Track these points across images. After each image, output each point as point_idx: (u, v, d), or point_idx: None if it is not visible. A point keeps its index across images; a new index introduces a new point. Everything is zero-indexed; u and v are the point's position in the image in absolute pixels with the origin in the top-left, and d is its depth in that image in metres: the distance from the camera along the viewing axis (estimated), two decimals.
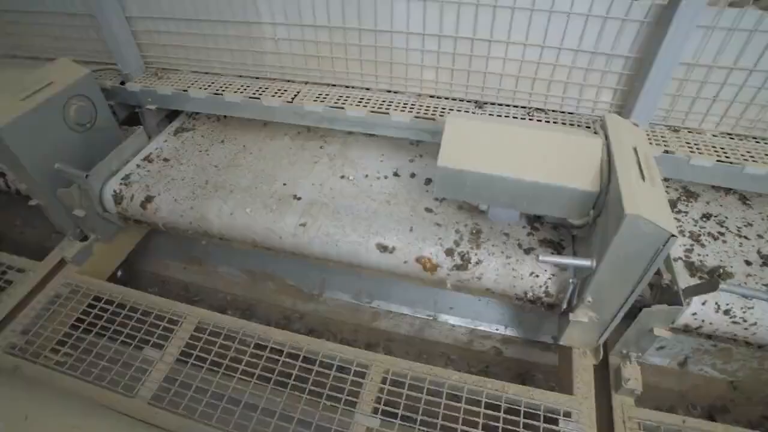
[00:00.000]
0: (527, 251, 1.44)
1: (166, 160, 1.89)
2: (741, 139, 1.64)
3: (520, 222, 1.49)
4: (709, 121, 1.63)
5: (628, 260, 1.09)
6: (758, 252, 1.49)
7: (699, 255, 1.47)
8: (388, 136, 1.75)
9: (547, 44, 1.53)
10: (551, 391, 1.38)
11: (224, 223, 1.65)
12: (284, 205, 1.64)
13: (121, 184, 1.77)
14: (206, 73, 2.00)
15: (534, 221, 1.52)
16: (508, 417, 1.31)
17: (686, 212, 1.64)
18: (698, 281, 1.40)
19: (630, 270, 1.12)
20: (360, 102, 1.75)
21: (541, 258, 1.17)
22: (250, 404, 1.39)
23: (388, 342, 2.13)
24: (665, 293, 1.30)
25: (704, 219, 1.60)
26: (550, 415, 1.31)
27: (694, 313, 1.35)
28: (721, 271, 1.38)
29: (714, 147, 1.58)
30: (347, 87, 1.85)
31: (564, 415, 1.31)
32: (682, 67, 1.50)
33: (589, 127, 1.60)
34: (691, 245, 1.51)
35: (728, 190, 1.70)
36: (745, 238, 1.53)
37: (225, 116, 2.09)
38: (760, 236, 1.53)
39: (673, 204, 1.62)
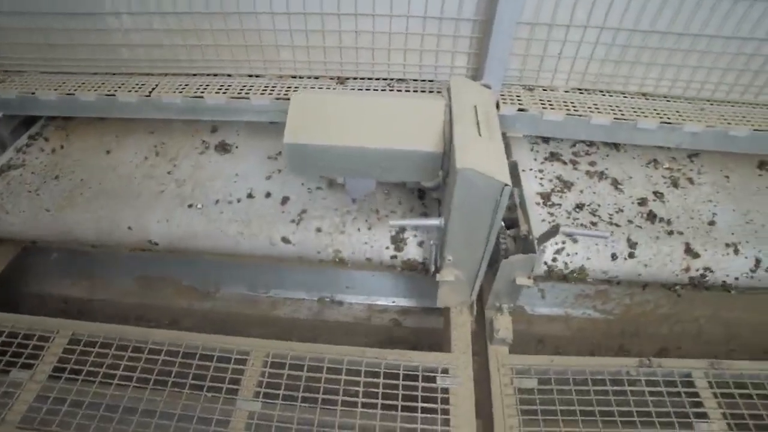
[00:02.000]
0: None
1: None
2: (589, 93, 1.74)
3: (387, 192, 1.52)
4: (559, 78, 1.72)
5: (472, 214, 1.13)
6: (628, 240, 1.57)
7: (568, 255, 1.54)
8: (246, 155, 1.74)
9: (394, 13, 1.54)
10: (431, 352, 1.41)
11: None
12: None
13: None
14: (57, 72, 1.88)
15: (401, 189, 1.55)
16: (388, 382, 1.34)
17: (559, 204, 1.64)
18: None
19: (477, 224, 1.16)
20: (220, 89, 1.70)
21: (390, 222, 1.19)
22: (128, 408, 1.34)
23: (288, 328, 2.12)
24: (524, 244, 1.36)
25: (577, 210, 1.62)
26: (428, 374, 1.35)
27: (554, 260, 1.43)
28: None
29: (565, 102, 1.67)
30: (208, 75, 1.80)
31: (442, 372, 1.35)
32: (526, 27, 1.56)
33: (440, 92, 1.64)
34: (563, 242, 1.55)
35: (601, 175, 1.73)
36: (616, 225, 1.59)
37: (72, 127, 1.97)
38: (630, 221, 1.60)
39: (546, 196, 1.64)
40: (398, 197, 1.55)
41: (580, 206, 1.60)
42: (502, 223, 1.46)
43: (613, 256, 1.50)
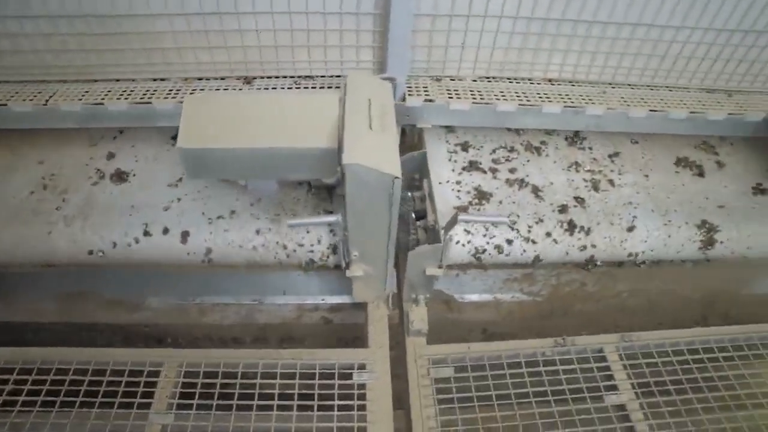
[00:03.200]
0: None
1: None
2: (497, 81, 1.77)
3: (294, 191, 1.50)
4: (465, 68, 1.74)
5: (368, 209, 1.13)
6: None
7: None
8: (144, 183, 1.62)
9: (293, 10, 1.52)
10: (348, 348, 1.41)
11: None
12: None
13: None
14: None
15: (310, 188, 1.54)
16: (306, 382, 1.33)
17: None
18: None
19: (375, 218, 1.16)
20: (122, 95, 1.64)
21: (288, 222, 1.18)
22: None
23: (216, 335, 2.08)
24: (432, 234, 1.37)
25: (494, 225, 1.56)
26: (344, 371, 1.34)
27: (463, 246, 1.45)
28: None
29: (472, 91, 1.69)
30: (110, 81, 1.73)
31: (358, 368, 1.35)
32: (426, 19, 1.57)
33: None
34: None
35: (521, 183, 1.67)
36: (533, 241, 1.60)
37: None
38: (548, 234, 1.60)
39: (464, 209, 1.56)
40: (303, 196, 1.53)
41: (500, 247, 1.54)
42: (413, 215, 1.47)
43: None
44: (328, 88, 1.66)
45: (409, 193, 1.58)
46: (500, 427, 1.27)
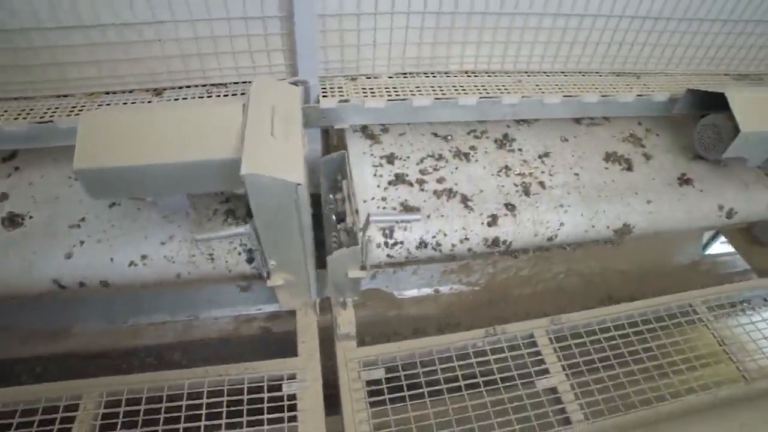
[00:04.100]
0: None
1: None
2: (413, 77, 1.77)
3: (205, 203, 1.45)
4: (380, 65, 1.73)
5: (276, 217, 1.10)
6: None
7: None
8: (39, 228, 1.43)
9: (195, 18, 1.47)
10: (277, 359, 1.38)
11: None
12: None
13: None
14: None
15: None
16: (235, 398, 1.29)
17: (401, 242, 1.49)
18: None
19: (285, 226, 1.13)
20: (20, 114, 1.55)
21: (196, 238, 1.14)
22: None
23: (154, 355, 2.01)
24: (353, 236, 1.36)
25: (420, 247, 1.50)
26: (273, 383, 1.32)
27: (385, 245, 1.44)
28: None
29: (387, 88, 1.68)
30: (6, 100, 1.63)
31: (288, 378, 1.33)
32: (334, 19, 1.55)
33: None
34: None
35: (450, 194, 1.59)
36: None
37: None
38: (470, 250, 1.58)
39: (389, 234, 1.45)
40: (217, 207, 1.49)
41: (423, 243, 1.47)
42: (333, 217, 1.45)
43: None
44: (241, 94, 1.62)
45: (331, 195, 1.56)
46: (433, 424, 1.27)
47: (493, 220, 1.53)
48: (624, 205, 1.68)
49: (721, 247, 2.73)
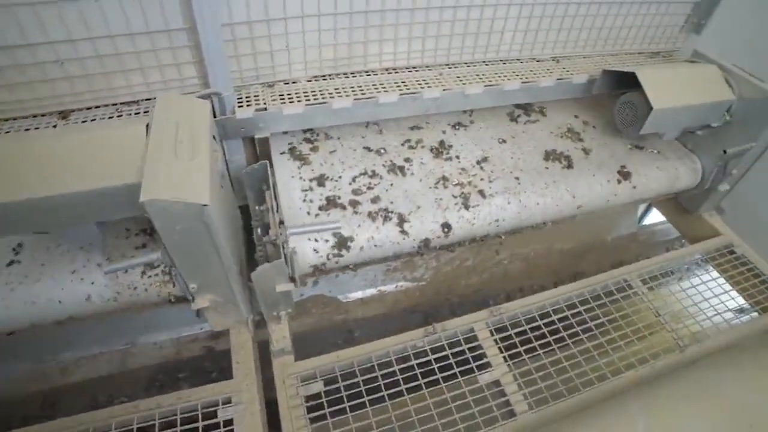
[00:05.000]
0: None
1: None
2: (332, 78, 1.73)
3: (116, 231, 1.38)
4: (297, 70, 1.69)
5: (187, 240, 1.05)
6: None
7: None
8: None
9: (95, 35, 1.39)
10: (211, 384, 1.33)
11: None
12: None
13: None
14: None
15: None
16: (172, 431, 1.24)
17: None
18: None
19: (199, 248, 1.09)
20: None
21: (105, 270, 1.08)
22: None
23: (87, 392, 1.91)
24: (278, 249, 1.32)
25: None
26: (208, 410, 1.27)
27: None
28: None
29: (306, 92, 1.64)
30: None
31: (224, 403, 1.28)
32: (243, 27, 1.50)
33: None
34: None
35: (386, 215, 1.52)
36: None
37: None
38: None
39: (320, 268, 1.46)
40: (129, 234, 1.41)
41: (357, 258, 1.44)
42: (258, 230, 1.41)
43: None
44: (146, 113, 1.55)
45: (257, 207, 1.52)
46: None
47: (425, 244, 1.53)
48: (563, 205, 1.71)
49: (655, 216, 2.82)
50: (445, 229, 1.53)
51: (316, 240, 1.40)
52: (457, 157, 1.75)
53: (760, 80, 1.68)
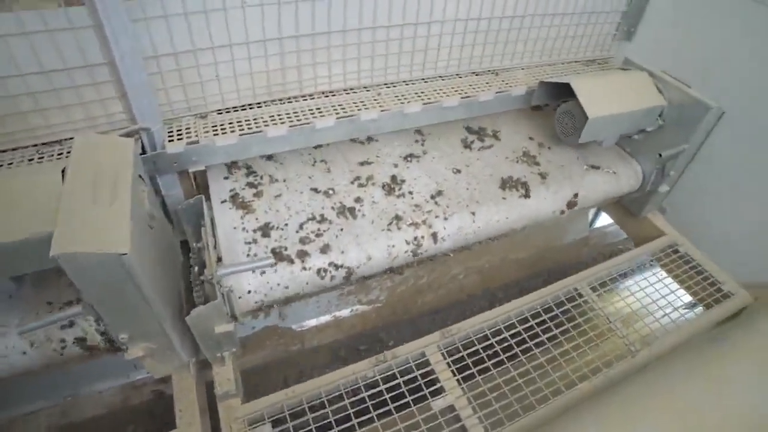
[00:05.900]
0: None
1: None
2: (267, 106, 1.69)
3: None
4: (230, 99, 1.64)
5: (109, 291, 0.99)
6: None
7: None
8: None
9: (6, 74, 1.31)
10: None
11: None
12: None
13: None
14: None
15: None
16: None
17: None
18: None
19: (123, 298, 1.02)
20: None
21: (19, 331, 1.01)
22: None
23: None
24: (214, 288, 1.26)
25: None
26: None
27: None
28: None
29: (239, 122, 1.59)
30: None
31: None
32: (169, 58, 1.45)
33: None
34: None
35: (336, 269, 1.47)
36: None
37: None
38: None
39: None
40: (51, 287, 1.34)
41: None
42: (195, 269, 1.35)
43: None
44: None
45: (195, 244, 1.46)
46: None
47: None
48: (513, 223, 1.72)
49: (606, 219, 2.86)
50: (390, 272, 1.52)
51: (261, 273, 1.36)
52: (410, 192, 1.68)
53: (687, 86, 1.72)
